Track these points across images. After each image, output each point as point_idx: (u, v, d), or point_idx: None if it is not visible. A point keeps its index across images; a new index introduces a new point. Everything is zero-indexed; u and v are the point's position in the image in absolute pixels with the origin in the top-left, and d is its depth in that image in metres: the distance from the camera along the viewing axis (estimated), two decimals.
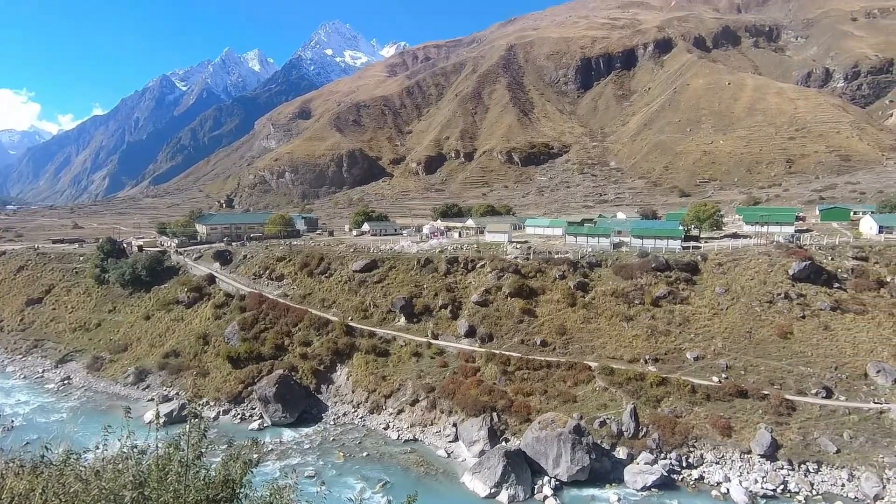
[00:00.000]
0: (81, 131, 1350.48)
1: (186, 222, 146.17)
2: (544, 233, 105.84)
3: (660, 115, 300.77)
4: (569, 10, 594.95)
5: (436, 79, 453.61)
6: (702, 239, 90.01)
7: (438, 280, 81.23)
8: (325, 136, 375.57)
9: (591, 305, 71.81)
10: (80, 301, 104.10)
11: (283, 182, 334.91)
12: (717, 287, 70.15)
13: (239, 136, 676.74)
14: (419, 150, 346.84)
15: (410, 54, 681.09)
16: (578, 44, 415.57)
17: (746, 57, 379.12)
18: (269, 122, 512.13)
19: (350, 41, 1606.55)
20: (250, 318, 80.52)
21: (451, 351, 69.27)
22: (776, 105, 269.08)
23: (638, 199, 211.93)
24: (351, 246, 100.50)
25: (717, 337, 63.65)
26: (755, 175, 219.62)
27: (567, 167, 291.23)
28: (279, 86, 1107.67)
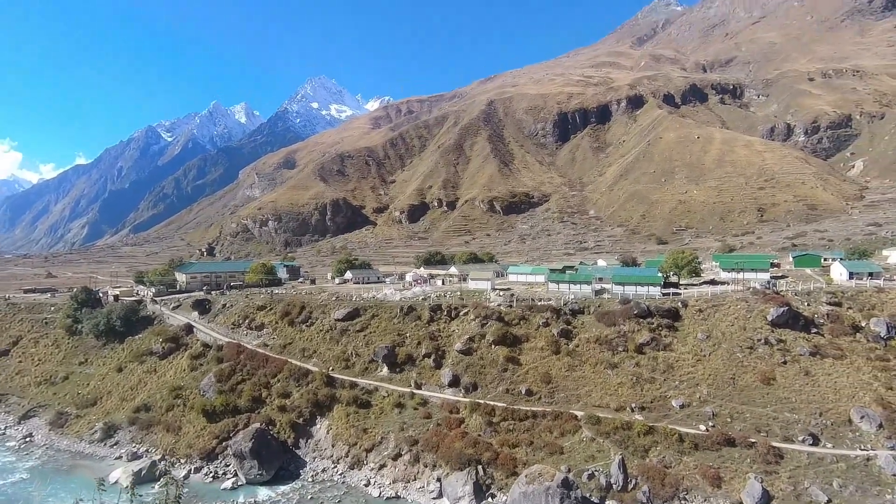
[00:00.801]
0: (62, 180, 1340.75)
1: (165, 271, 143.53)
2: (527, 280, 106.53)
3: (635, 166, 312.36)
4: (545, 69, 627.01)
5: (419, 131, 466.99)
6: (681, 285, 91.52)
7: (422, 328, 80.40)
8: (309, 185, 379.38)
9: (575, 353, 71.51)
10: (48, 353, 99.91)
11: (266, 230, 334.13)
12: (699, 333, 70.77)
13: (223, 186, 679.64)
14: (402, 199, 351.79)
15: (394, 108, 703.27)
16: (555, 99, 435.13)
17: (713, 112, 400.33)
18: (254, 172, 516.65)
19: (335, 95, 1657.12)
20: (227, 370, 77.96)
21: (435, 401, 67.66)
22: (745, 157, 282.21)
23: (617, 246, 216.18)
24: (333, 294, 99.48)
25: (702, 384, 63.59)
26: (729, 223, 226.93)
27: (548, 215, 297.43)
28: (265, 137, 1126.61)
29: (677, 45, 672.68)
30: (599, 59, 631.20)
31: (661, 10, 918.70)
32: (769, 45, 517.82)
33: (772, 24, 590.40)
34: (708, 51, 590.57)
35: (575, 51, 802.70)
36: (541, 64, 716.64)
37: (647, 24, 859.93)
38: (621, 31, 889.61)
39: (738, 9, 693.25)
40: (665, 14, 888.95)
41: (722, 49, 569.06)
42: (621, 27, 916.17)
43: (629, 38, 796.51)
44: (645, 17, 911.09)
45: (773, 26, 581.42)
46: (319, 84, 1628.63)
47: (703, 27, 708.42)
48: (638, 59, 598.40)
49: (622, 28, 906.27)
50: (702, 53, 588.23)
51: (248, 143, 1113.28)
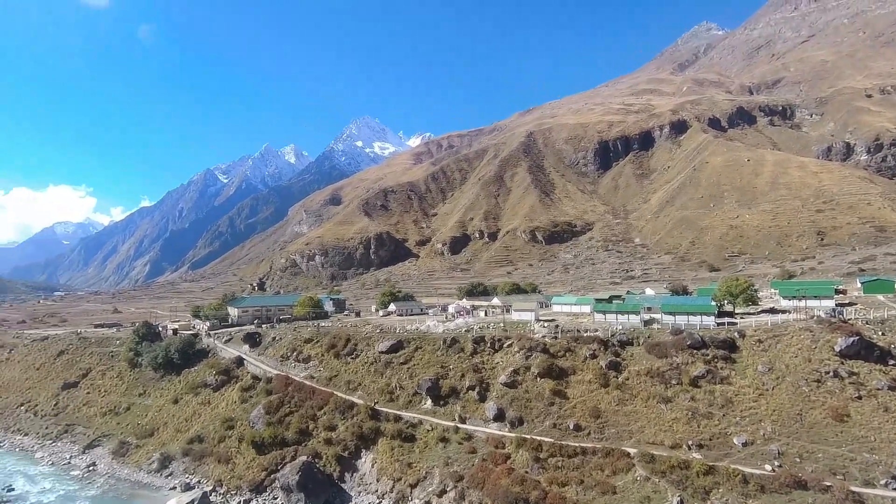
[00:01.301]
0: (129, 222, 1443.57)
1: (219, 305, 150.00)
2: (572, 310, 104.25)
3: (681, 191, 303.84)
4: (584, 99, 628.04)
5: (459, 164, 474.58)
6: (737, 315, 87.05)
7: (465, 360, 79.76)
8: (353, 220, 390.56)
9: (625, 386, 68.77)
10: (113, 385, 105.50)
11: (313, 265, 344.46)
12: (760, 365, 66.63)
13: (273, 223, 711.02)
14: (444, 231, 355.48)
15: (435, 143, 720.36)
16: (595, 128, 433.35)
17: (763, 134, 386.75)
18: (302, 209, 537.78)
19: (379, 133, 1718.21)
20: (276, 402, 79.69)
21: (480, 436, 66.35)
22: (799, 178, 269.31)
23: (666, 274, 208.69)
24: (377, 326, 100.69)
25: (766, 420, 59.43)
26: (786, 248, 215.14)
27: (591, 244, 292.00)
28: (312, 175, 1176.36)
29: (720, 69, 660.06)
30: (640, 86, 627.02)
31: (701, 36, 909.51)
32: (820, 63, 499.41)
33: (821, 43, 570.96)
34: (754, 73, 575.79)
35: (614, 80, 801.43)
36: (579, 94, 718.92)
37: (688, 50, 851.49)
38: (661, 58, 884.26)
39: (785, 29, 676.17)
40: (706, 39, 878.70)
41: (769, 70, 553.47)
42: (661, 54, 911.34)
43: (670, 65, 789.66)
44: (685, 43, 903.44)
45: (823, 45, 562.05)
46: (363, 123, 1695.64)
47: (747, 49, 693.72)
48: (680, 85, 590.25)
49: (662, 55, 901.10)
50: (747, 76, 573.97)
51: (297, 181, 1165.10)
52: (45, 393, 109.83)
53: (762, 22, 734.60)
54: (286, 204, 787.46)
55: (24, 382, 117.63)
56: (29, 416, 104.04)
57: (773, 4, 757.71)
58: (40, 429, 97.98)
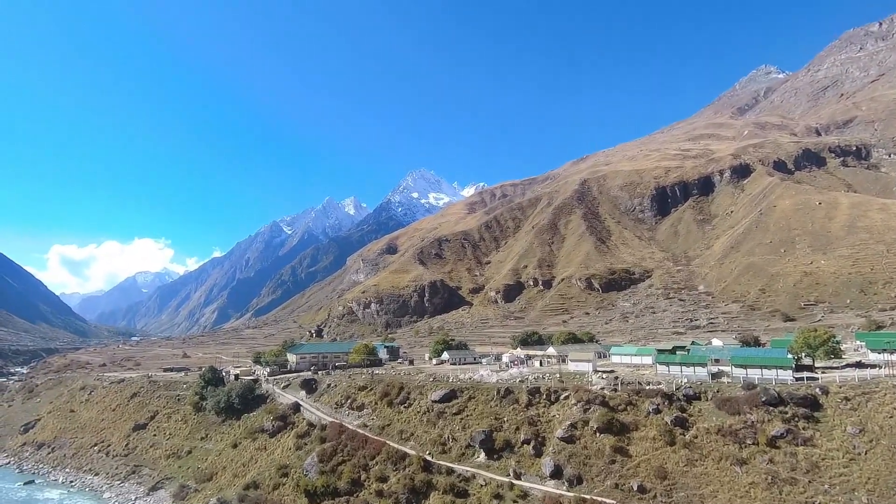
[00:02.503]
0: (201, 271, 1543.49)
1: (279, 351, 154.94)
2: (632, 361, 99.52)
3: (747, 237, 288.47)
4: (639, 146, 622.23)
5: (512, 213, 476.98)
6: (817, 369, 79.86)
7: (519, 412, 77.35)
8: (408, 268, 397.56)
9: (693, 445, 63.93)
10: (178, 428, 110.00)
11: (369, 312, 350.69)
12: (849, 426, 60.24)
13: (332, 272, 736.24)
14: (498, 279, 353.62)
15: (489, 193, 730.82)
16: (652, 174, 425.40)
17: (835, 176, 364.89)
18: (360, 258, 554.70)
19: (433, 184, 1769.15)
20: (329, 450, 79.99)
21: (536, 493, 63.20)
22: (881, 221, 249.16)
23: (734, 324, 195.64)
24: (430, 375, 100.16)
25: (860, 488, 53.09)
26: (870, 296, 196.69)
27: (651, 292, 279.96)
28: (370, 226, 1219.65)
29: (783, 112, 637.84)
30: (697, 131, 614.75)
31: (761, 80, 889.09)
32: (894, 101, 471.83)
33: (893, 81, 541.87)
34: (821, 114, 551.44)
35: (669, 126, 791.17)
36: (634, 141, 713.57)
37: (747, 94, 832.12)
38: (719, 102, 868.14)
39: (852, 69, 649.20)
40: (766, 82, 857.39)
41: (837, 110, 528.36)
42: (718, 99, 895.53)
43: (728, 109, 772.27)
44: (744, 88, 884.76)
45: (895, 83, 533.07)
46: (419, 175, 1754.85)
47: (812, 91, 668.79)
48: (740, 129, 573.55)
49: (720, 100, 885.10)
50: (813, 117, 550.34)
51: (356, 232, 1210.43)
52: (117, 434, 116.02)
53: (826, 63, 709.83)
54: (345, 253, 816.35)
55: (100, 423, 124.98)
56: (101, 455, 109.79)
57: (837, 46, 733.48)
58: (110, 469, 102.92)
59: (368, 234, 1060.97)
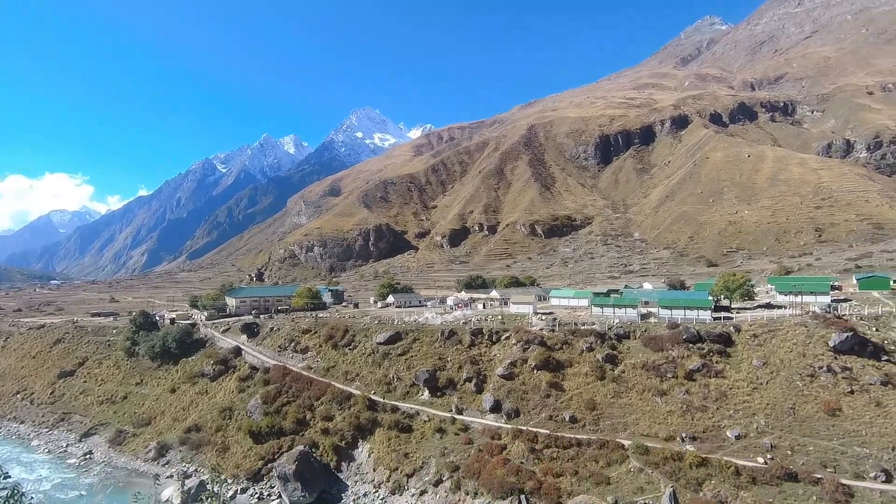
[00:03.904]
0: (126, 211, 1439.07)
1: (217, 295, 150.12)
2: (570, 304, 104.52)
3: (681, 187, 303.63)
4: (586, 93, 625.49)
5: (460, 157, 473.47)
6: (733, 309, 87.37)
7: (463, 352, 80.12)
8: (353, 212, 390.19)
9: (621, 379, 69.19)
10: (110, 374, 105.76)
11: (312, 256, 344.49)
12: (755, 360, 67.04)
13: (272, 214, 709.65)
14: (444, 223, 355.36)
15: (436, 135, 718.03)
16: (597, 122, 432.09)
17: (764, 130, 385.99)
18: (301, 200, 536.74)
19: (379, 125, 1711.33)
20: (273, 392, 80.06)
21: (476, 427, 66.81)
22: (799, 175, 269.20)
23: (664, 269, 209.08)
24: (375, 318, 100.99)
25: (759, 413, 59.89)
26: (784, 244, 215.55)
27: (590, 238, 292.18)
28: (312, 166, 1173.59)
29: (723, 64, 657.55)
30: (642, 80, 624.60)
31: (705, 30, 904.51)
32: (823, 59, 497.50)
33: (825, 39, 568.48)
34: (756, 68, 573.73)
35: (616, 73, 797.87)
36: (581, 88, 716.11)
37: (691, 44, 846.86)
38: (664, 52, 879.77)
39: (788, 25, 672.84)
40: (709, 33, 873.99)
41: (771, 66, 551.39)
42: (664, 48, 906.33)
43: (672, 59, 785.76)
44: (688, 38, 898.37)
45: (826, 41, 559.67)
46: (364, 114, 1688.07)
47: (750, 45, 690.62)
48: (682, 80, 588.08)
49: (665, 49, 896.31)
50: (749, 71, 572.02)
51: (297, 172, 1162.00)
52: (41, 381, 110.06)
53: (766, 17, 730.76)
54: (285, 195, 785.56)
55: (21, 371, 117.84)
56: (25, 404, 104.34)
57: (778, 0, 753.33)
58: (37, 417, 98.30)
59: (310, 175, 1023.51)
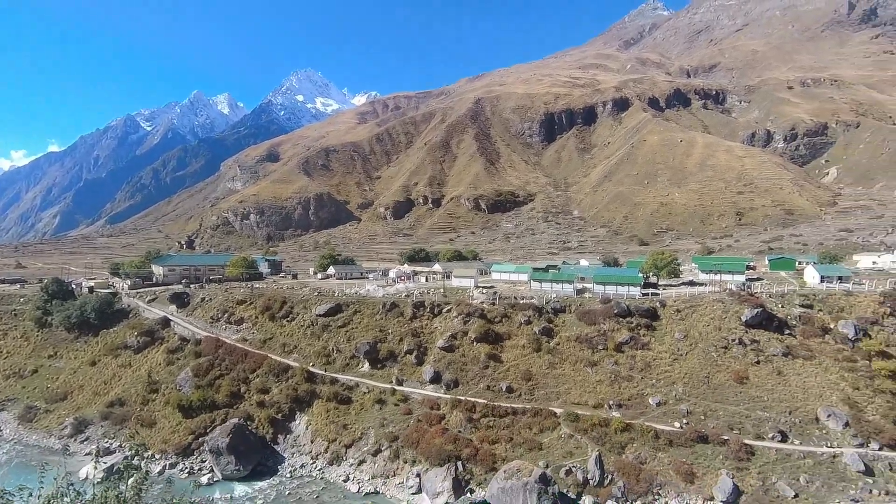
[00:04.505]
0: (34, 167, 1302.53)
1: (142, 263, 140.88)
2: (510, 278, 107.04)
3: (619, 168, 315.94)
4: (533, 69, 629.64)
5: (405, 127, 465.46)
6: (660, 286, 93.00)
7: (404, 325, 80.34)
8: (292, 179, 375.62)
9: (556, 351, 72.22)
10: (17, 346, 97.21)
11: (248, 224, 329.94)
12: (677, 333, 72.02)
13: (203, 178, 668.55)
14: (387, 195, 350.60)
15: (381, 103, 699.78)
16: (542, 99, 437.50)
17: (696, 117, 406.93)
18: (236, 164, 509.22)
19: (322, 89, 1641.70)
20: (205, 364, 76.92)
21: (416, 398, 67.72)
22: (725, 162, 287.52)
23: (600, 246, 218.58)
24: (315, 289, 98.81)
25: (678, 382, 64.74)
26: (708, 226, 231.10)
27: (532, 215, 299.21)
28: (248, 129, 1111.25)
29: (663, 50, 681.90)
30: (587, 60, 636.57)
31: (648, 14, 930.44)
32: (752, 52, 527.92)
33: (754, 33, 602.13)
34: (692, 56, 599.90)
35: (563, 51, 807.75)
36: (529, 64, 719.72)
37: (635, 28, 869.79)
38: (609, 33, 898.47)
39: (723, 16, 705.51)
40: (652, 18, 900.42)
41: (706, 55, 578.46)
42: (609, 30, 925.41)
43: (616, 41, 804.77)
44: (632, 21, 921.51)
45: (755, 34, 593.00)
46: (305, 77, 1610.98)
47: (689, 33, 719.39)
48: (624, 62, 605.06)
49: (610, 31, 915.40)
50: (686, 58, 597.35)
51: (231, 134, 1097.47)
52: None
53: (704, 7, 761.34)
54: (219, 158, 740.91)
55: None
56: None
57: None
58: None
59: (246, 138, 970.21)
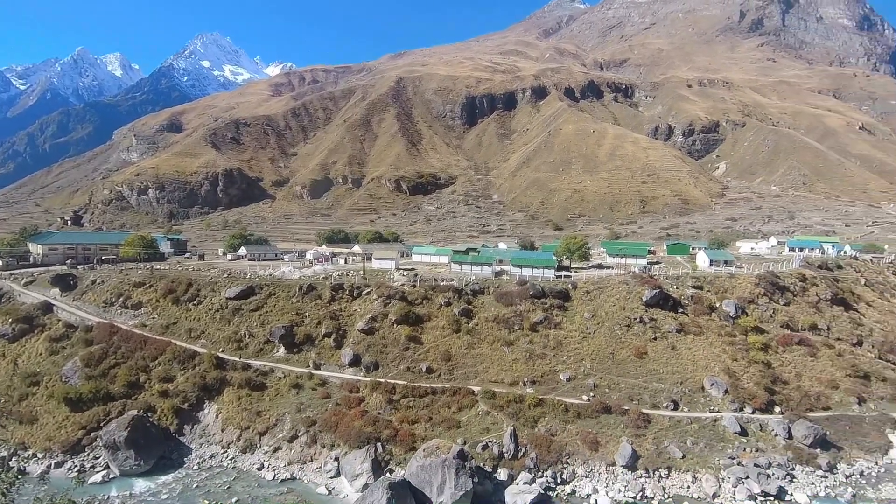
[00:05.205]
0: None
1: (15, 241, 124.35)
2: (431, 261, 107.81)
3: (537, 154, 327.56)
4: (455, 51, 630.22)
5: (324, 102, 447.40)
6: (572, 269, 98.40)
7: (322, 308, 78.13)
8: (198, 152, 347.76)
9: (474, 331, 74.04)
10: None
11: (146, 200, 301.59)
12: (586, 313, 76.77)
13: (92, 147, 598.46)
14: (304, 173, 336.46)
15: (297, 75, 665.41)
16: (464, 82, 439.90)
17: (608, 109, 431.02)
18: (132, 133, 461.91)
19: (231, 55, 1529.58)
20: (98, 353, 69.85)
21: (335, 381, 66.47)
22: (632, 153, 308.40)
23: (518, 230, 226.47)
24: (225, 271, 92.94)
25: (586, 359, 69.25)
26: (616, 213, 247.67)
27: (453, 198, 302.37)
28: (145, 94, 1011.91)
29: (579, 42, 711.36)
30: (508, 46, 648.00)
31: (566, 6, 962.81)
32: (657, 51, 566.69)
33: (660, 32, 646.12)
34: (605, 50, 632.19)
35: (485, 35, 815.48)
36: (451, 45, 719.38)
37: (553, 18, 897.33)
38: (529, 21, 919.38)
39: (633, 13, 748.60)
40: (569, 10, 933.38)
41: (618, 50, 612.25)
42: (529, 17, 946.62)
43: (536, 30, 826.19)
44: (551, 11, 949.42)
45: (661, 34, 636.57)
46: (212, 41, 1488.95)
47: (602, 27, 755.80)
48: (543, 51, 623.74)
49: (530, 18, 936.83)
50: (600, 52, 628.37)
51: (125, 99, 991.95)
52: None
53: (616, 3, 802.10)
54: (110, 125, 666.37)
55: None
56: None
57: None
58: None
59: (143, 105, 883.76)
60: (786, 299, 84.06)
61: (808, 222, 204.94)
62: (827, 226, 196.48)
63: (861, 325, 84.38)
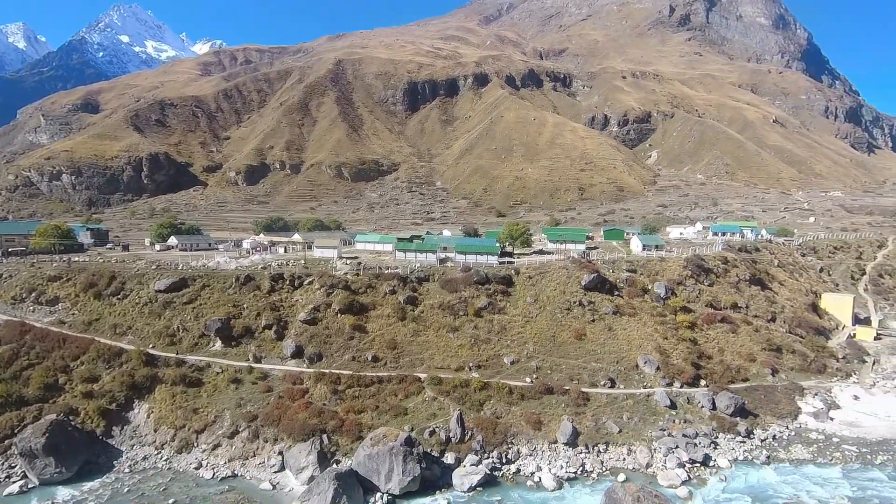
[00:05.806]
0: None
1: None
2: (375, 248, 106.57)
3: (479, 142, 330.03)
4: (396, 34, 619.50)
5: (258, 84, 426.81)
6: (515, 255, 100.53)
7: (261, 299, 75.29)
8: (119, 134, 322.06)
9: (420, 319, 74.12)
10: None
11: (60, 186, 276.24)
12: (528, 297, 78.84)
13: None
14: (239, 158, 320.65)
15: (228, 55, 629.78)
16: (406, 67, 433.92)
17: (547, 98, 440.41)
18: (39, 113, 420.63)
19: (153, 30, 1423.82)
20: (7, 354, 63.71)
21: (277, 374, 64.48)
22: (571, 141, 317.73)
23: (461, 217, 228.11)
24: (153, 262, 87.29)
25: (529, 342, 71.27)
26: (556, 200, 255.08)
27: (397, 185, 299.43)
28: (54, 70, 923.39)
29: (519, 30, 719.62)
30: (449, 32, 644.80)
31: None
32: (593, 42, 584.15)
33: (596, 24, 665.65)
34: (545, 39, 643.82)
35: (425, 20, 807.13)
36: (391, 29, 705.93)
37: (494, 5, 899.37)
38: (470, 7, 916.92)
39: (571, 4, 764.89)
40: None
41: (556, 39, 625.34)
42: (471, 3, 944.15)
43: (477, 16, 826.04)
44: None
45: (596, 25, 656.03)
46: (130, 13, 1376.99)
47: (542, 16, 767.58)
48: (484, 38, 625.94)
49: (471, 4, 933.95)
50: (539, 41, 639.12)
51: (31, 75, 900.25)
52: None
53: None
54: (14, 103, 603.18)
55: None
56: None
57: None
58: None
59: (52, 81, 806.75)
60: (710, 280, 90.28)
61: (730, 208, 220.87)
62: (746, 212, 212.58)
63: (774, 302, 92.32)
